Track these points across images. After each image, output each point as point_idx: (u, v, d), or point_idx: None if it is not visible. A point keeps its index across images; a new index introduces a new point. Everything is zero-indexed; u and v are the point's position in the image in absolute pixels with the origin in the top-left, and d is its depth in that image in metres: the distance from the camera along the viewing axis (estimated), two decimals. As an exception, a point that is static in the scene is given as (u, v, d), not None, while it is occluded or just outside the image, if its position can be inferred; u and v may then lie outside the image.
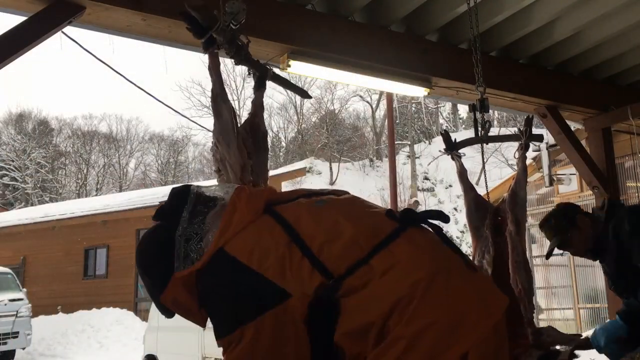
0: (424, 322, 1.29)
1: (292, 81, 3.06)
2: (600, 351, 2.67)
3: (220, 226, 1.46)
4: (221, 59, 2.66)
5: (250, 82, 2.69)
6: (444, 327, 1.30)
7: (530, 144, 3.32)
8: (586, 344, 2.74)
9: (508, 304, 1.43)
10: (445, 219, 1.51)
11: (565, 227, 2.82)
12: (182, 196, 1.57)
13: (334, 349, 1.35)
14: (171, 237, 1.50)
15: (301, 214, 1.48)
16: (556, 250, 2.89)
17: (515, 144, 3.34)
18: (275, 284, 1.36)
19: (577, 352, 2.77)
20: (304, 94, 3.22)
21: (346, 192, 1.68)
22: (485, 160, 3.53)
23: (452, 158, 3.33)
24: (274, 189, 1.68)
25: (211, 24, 2.42)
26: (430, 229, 1.52)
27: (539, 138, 3.38)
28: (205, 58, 2.51)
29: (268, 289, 1.36)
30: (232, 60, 2.60)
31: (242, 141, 2.42)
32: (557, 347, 2.81)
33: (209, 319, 1.53)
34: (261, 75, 2.61)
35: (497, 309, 1.39)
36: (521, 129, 3.30)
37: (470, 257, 3.07)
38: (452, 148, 3.32)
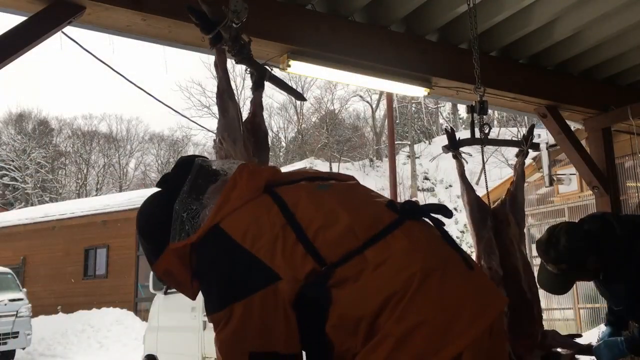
0: (415, 320, 1.25)
1: (292, 81, 3.06)
2: None
3: (218, 202, 1.44)
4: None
5: (250, 82, 2.70)
6: (436, 327, 1.26)
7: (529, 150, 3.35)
8: (588, 349, 2.74)
9: (508, 302, 1.40)
10: (448, 213, 1.46)
11: (574, 273, 2.68)
12: (186, 167, 1.56)
13: (325, 340, 1.32)
14: (171, 206, 1.49)
15: (301, 197, 1.45)
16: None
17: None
18: (266, 265, 1.34)
19: (578, 356, 2.77)
20: (299, 96, 3.22)
21: (351, 177, 1.65)
22: (485, 160, 3.54)
23: (454, 157, 3.32)
24: (277, 168, 1.64)
25: (219, 20, 2.42)
26: (431, 223, 1.48)
27: (536, 147, 3.42)
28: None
29: (259, 269, 1.34)
30: (235, 59, 2.60)
31: (246, 139, 2.42)
32: (559, 349, 2.81)
33: (200, 293, 1.53)
34: (259, 75, 2.61)
35: (493, 309, 1.35)
36: (525, 134, 3.31)
37: (473, 257, 3.08)
38: (456, 146, 3.30)
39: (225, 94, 2.47)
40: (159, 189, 1.62)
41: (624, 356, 2.61)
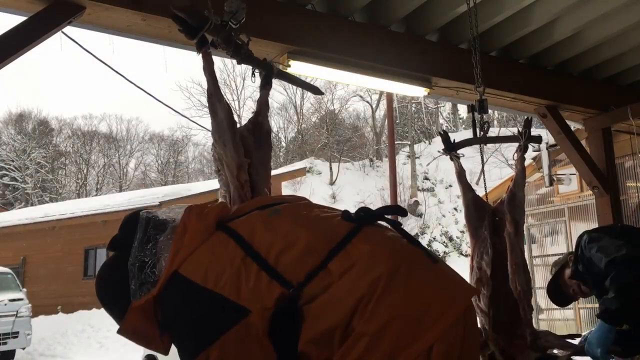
0: (386, 317, 1.27)
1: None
2: None
3: (171, 249, 1.43)
4: (223, 59, 2.64)
5: (250, 82, 2.69)
6: (407, 321, 1.28)
7: (529, 145, 3.32)
8: (583, 350, 2.73)
9: (476, 293, 1.41)
10: (403, 212, 1.48)
11: (562, 272, 3.12)
12: (133, 224, 1.54)
13: (301, 356, 1.32)
14: (125, 266, 1.48)
15: (255, 227, 1.45)
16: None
17: (516, 144, 3.35)
18: (233, 302, 1.33)
19: (574, 357, 2.76)
20: (315, 90, 3.19)
21: (302, 198, 1.66)
22: (485, 160, 3.54)
23: (451, 159, 3.33)
24: (225, 204, 1.64)
25: (202, 24, 2.41)
26: (388, 225, 1.49)
27: (538, 139, 3.38)
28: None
29: (227, 308, 1.33)
30: (235, 60, 2.60)
31: (240, 140, 2.41)
32: (555, 351, 2.81)
33: (172, 345, 1.50)
34: (267, 73, 2.60)
35: (462, 299, 1.37)
36: (520, 130, 3.31)
37: (469, 258, 3.09)
38: (451, 149, 3.32)
39: (213, 97, 2.47)
40: (112, 253, 1.59)
41: (612, 335, 2.58)
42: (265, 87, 2.62)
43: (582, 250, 2.83)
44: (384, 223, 1.50)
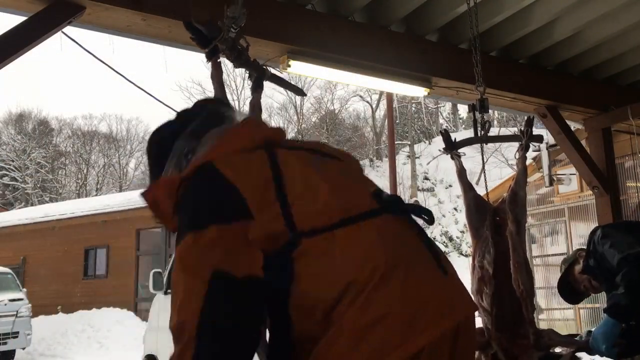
0: (378, 313, 1.24)
1: (292, 81, 3.08)
2: (601, 355, 2.67)
3: (215, 142, 1.48)
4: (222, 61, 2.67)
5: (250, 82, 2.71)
6: (399, 321, 1.24)
7: (531, 145, 3.32)
8: (587, 347, 2.74)
9: (475, 309, 1.38)
10: (429, 219, 1.46)
11: (572, 269, 3.17)
12: (205, 107, 1.64)
13: (288, 317, 1.31)
14: (174, 141, 1.55)
15: (295, 165, 1.44)
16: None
17: (515, 144, 3.35)
18: (247, 203, 1.34)
19: (578, 354, 2.77)
20: (299, 92, 3.24)
21: (351, 157, 1.64)
22: (485, 160, 3.54)
23: (452, 158, 3.34)
24: (282, 130, 1.64)
25: (215, 34, 2.44)
26: (411, 223, 1.46)
27: (539, 139, 3.38)
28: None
29: (239, 204, 1.34)
30: (232, 64, 2.62)
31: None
32: (558, 349, 2.81)
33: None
34: (259, 76, 2.63)
35: (459, 312, 1.33)
36: (522, 129, 3.31)
37: (470, 257, 3.09)
38: (452, 148, 3.32)
39: None
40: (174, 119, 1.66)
41: (617, 331, 2.58)
42: (257, 90, 2.65)
43: (594, 245, 2.83)
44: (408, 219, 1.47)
